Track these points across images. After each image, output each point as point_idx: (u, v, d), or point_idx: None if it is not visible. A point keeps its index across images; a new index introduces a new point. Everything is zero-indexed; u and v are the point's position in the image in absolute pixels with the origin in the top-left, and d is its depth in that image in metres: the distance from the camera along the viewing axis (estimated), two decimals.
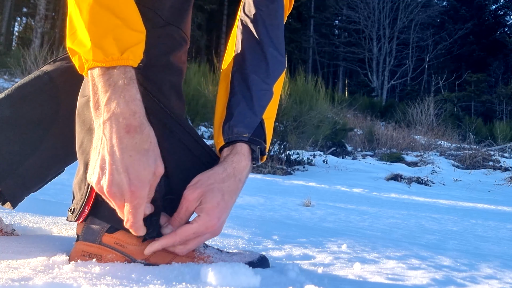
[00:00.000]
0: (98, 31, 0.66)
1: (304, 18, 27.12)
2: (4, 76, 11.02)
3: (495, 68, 28.04)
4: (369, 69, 26.37)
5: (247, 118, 0.86)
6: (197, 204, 0.78)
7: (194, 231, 0.77)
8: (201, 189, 0.78)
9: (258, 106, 0.88)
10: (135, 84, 0.68)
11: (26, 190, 0.94)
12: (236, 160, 0.83)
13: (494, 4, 32.53)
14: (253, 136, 0.85)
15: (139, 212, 0.68)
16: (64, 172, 1.05)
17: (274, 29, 0.95)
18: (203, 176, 0.80)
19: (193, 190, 0.78)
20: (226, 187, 0.80)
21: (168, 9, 0.81)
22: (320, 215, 2.75)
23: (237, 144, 0.85)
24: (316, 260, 1.03)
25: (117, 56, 0.67)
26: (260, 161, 0.89)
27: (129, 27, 0.69)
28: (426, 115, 13.48)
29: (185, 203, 0.78)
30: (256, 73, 0.90)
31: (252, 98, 0.88)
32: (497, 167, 8.31)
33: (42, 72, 0.96)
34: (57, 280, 0.64)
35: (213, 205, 0.78)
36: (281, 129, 6.44)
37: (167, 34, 0.81)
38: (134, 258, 0.79)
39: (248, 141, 0.85)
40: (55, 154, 0.95)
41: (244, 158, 0.84)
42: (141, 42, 0.71)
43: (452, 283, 0.91)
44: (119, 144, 0.66)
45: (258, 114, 0.88)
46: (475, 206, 4.51)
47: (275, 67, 0.93)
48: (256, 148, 0.86)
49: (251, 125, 0.86)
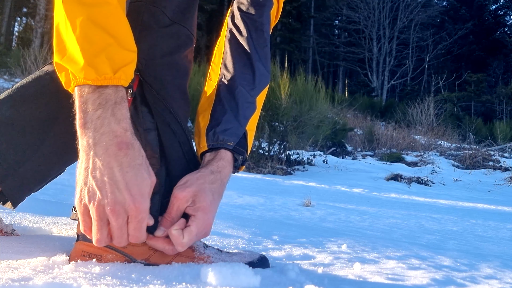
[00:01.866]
0: (91, 49, 0.65)
1: (304, 18, 27.09)
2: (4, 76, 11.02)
3: (495, 68, 28.04)
4: (369, 69, 26.36)
5: (233, 128, 0.87)
6: (188, 203, 0.78)
7: (197, 231, 0.77)
8: (192, 188, 0.78)
9: (243, 118, 0.90)
10: (126, 103, 0.68)
11: (27, 190, 0.94)
12: (221, 166, 0.84)
13: (494, 4, 32.54)
14: (237, 146, 0.87)
15: (143, 226, 0.69)
16: (64, 172, 1.05)
17: (261, 44, 0.97)
18: (191, 176, 0.80)
19: (183, 189, 0.78)
20: (214, 188, 0.80)
21: (174, 8, 0.82)
22: (320, 215, 2.75)
23: (221, 151, 0.86)
24: (316, 260, 1.03)
25: (110, 75, 0.66)
26: (239, 170, 0.90)
27: (121, 46, 0.68)
28: (426, 115, 13.48)
29: (176, 202, 0.77)
30: (243, 86, 0.92)
31: (238, 109, 0.89)
32: (497, 167, 8.31)
33: (43, 72, 0.96)
34: (57, 280, 0.64)
35: (207, 203, 0.78)
36: (281, 129, 6.44)
37: (173, 33, 0.82)
38: (134, 258, 0.79)
39: (232, 150, 0.86)
40: (56, 155, 0.94)
41: (227, 165, 0.85)
42: (133, 62, 0.70)
43: (452, 283, 0.91)
44: (115, 162, 0.65)
45: (243, 125, 0.89)
46: (475, 206, 4.51)
47: (260, 81, 0.95)
48: (239, 157, 0.88)
49: (236, 134, 0.87)
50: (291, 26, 25.00)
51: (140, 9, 0.79)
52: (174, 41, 0.82)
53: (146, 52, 0.79)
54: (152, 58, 0.79)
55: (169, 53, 0.81)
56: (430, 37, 26.90)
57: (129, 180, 0.65)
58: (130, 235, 0.68)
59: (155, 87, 0.79)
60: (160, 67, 0.80)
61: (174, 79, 0.83)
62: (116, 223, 0.66)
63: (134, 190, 0.66)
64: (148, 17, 0.79)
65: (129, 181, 0.65)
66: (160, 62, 0.80)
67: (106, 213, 0.66)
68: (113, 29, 0.68)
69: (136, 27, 0.78)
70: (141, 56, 0.78)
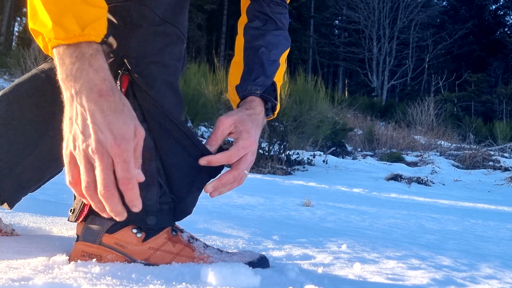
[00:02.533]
0: (57, 9, 0.67)
1: (304, 18, 27.11)
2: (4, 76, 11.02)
3: (495, 68, 28.04)
4: (369, 69, 26.36)
5: (260, 80, 0.99)
6: (231, 128, 0.88)
7: (242, 146, 0.86)
8: (234, 117, 0.89)
9: (269, 72, 1.01)
10: (102, 55, 0.69)
11: (23, 191, 0.93)
12: (253, 106, 0.95)
13: (494, 4, 32.54)
14: (264, 93, 0.98)
15: (131, 168, 0.68)
16: (63, 172, 1.05)
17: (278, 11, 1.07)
18: (231, 112, 0.91)
19: (227, 117, 0.88)
20: (252, 119, 0.91)
21: (164, 7, 0.81)
22: (320, 215, 2.75)
23: (250, 97, 0.97)
24: (316, 260, 1.03)
25: (78, 32, 0.68)
26: (272, 115, 1.01)
27: (88, 4, 0.69)
28: (426, 115, 13.48)
29: (221, 126, 0.87)
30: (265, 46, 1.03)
31: (263, 65, 1.01)
32: (497, 167, 8.31)
33: (39, 70, 0.96)
34: (57, 280, 0.64)
35: (249, 126, 0.88)
36: (281, 129, 6.44)
37: (162, 32, 0.81)
38: (134, 258, 0.79)
39: (260, 96, 0.97)
40: (53, 154, 0.94)
41: (258, 105, 0.96)
42: (102, 18, 0.71)
43: (452, 283, 0.91)
44: (96, 107, 0.67)
45: (270, 77, 1.00)
46: (475, 206, 4.51)
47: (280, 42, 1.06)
48: (267, 103, 0.98)
49: (263, 84, 0.98)
50: (291, 26, 24.98)
51: (130, 8, 0.78)
52: (165, 40, 0.82)
53: (136, 50, 0.78)
54: (142, 56, 0.79)
55: (158, 52, 0.81)
56: (430, 37, 26.91)
57: (110, 122, 0.66)
58: (119, 179, 0.68)
59: (144, 86, 0.79)
60: (151, 65, 0.80)
61: (165, 77, 0.82)
62: (101, 163, 0.66)
63: (116, 131, 0.66)
64: (137, 16, 0.79)
65: (110, 123, 0.66)
66: (150, 61, 0.80)
67: (89, 156, 0.66)
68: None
69: (126, 26, 0.78)
70: (131, 54, 0.78)
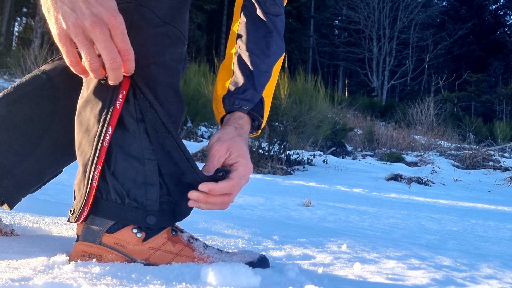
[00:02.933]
0: None
1: (304, 18, 27.12)
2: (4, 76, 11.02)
3: (495, 68, 28.03)
4: (369, 69, 26.36)
5: (249, 94, 0.94)
6: (227, 155, 0.86)
7: (244, 174, 0.84)
8: (227, 142, 0.86)
9: (258, 85, 0.96)
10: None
11: (23, 191, 0.93)
12: (242, 123, 0.92)
13: (494, 4, 32.54)
14: (252, 111, 0.94)
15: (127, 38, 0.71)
16: (64, 172, 1.05)
17: (274, 13, 1.03)
18: (220, 133, 0.88)
19: (221, 144, 0.86)
20: (243, 140, 0.89)
21: (165, 9, 0.81)
22: (320, 215, 2.75)
23: (237, 112, 0.93)
24: (316, 260, 1.03)
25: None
26: (256, 133, 0.97)
27: None
28: (426, 115, 13.48)
29: (217, 153, 0.85)
30: (257, 55, 0.98)
31: (253, 77, 0.96)
32: (497, 167, 8.30)
33: (40, 71, 0.96)
34: (57, 280, 0.64)
35: (244, 151, 0.87)
36: (281, 129, 6.44)
37: (163, 33, 0.81)
38: (134, 258, 0.79)
39: (247, 113, 0.93)
40: (53, 155, 0.94)
41: (246, 123, 0.93)
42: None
43: (452, 283, 0.91)
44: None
45: (259, 91, 0.96)
46: (475, 206, 4.51)
47: (275, 50, 1.00)
48: (253, 122, 0.94)
49: (251, 100, 0.94)
50: (291, 26, 25.00)
51: (130, 9, 0.78)
52: (165, 41, 0.82)
53: (137, 52, 0.79)
54: (143, 58, 0.79)
55: (159, 53, 0.81)
56: (430, 37, 26.91)
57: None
58: (120, 51, 0.70)
59: (145, 90, 0.79)
60: (152, 66, 0.80)
61: (166, 78, 0.82)
62: (101, 35, 0.68)
63: (106, 4, 0.68)
64: (138, 17, 0.79)
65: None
66: (151, 62, 0.80)
67: (88, 30, 0.67)
68: None
69: (126, 28, 0.78)
70: None
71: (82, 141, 0.79)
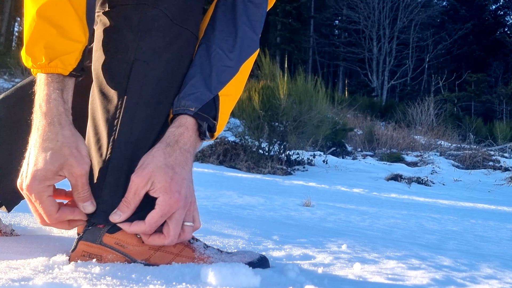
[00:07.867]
0: (31, 39, 0.72)
1: (304, 18, 27.09)
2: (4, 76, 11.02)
3: (495, 68, 28.03)
4: (369, 69, 26.35)
5: (198, 92, 0.82)
6: (148, 186, 0.75)
7: (161, 214, 0.75)
8: (148, 169, 0.75)
9: (215, 82, 0.84)
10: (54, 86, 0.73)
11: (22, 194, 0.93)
12: (178, 133, 0.79)
13: (494, 4, 32.53)
14: (200, 111, 0.81)
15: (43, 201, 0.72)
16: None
17: (253, 7, 0.91)
18: (147, 156, 0.76)
19: (140, 172, 0.75)
20: (173, 160, 0.76)
21: (176, 9, 0.81)
22: (320, 215, 2.75)
23: (181, 116, 0.80)
24: (316, 260, 1.03)
25: (44, 63, 0.72)
26: (210, 138, 0.84)
27: (63, 36, 0.72)
28: (426, 115, 13.48)
29: (133, 186, 0.75)
30: (221, 48, 0.86)
31: (211, 72, 0.84)
32: (497, 167, 8.30)
33: None
34: (57, 280, 0.64)
35: (167, 182, 0.74)
36: (281, 129, 6.44)
37: (175, 35, 0.81)
38: (134, 259, 0.79)
39: (193, 115, 0.80)
40: None
41: (186, 131, 0.79)
42: (75, 51, 0.74)
43: (452, 283, 0.91)
44: (31, 140, 0.73)
45: (213, 89, 0.83)
46: (475, 206, 4.51)
47: (246, 45, 0.89)
48: (203, 123, 0.81)
49: (200, 99, 0.81)
50: (291, 26, 25.00)
51: (141, 9, 0.78)
52: (177, 42, 0.82)
53: (147, 52, 0.78)
54: (154, 59, 0.79)
55: (173, 54, 0.81)
56: (430, 37, 26.89)
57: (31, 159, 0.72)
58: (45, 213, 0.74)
59: (159, 88, 0.79)
60: (163, 68, 0.80)
61: (178, 80, 0.83)
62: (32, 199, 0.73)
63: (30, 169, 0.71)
64: (149, 18, 0.79)
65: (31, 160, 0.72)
66: (163, 64, 0.80)
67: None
68: (58, 20, 0.72)
69: (137, 28, 0.78)
70: (142, 58, 0.78)
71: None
